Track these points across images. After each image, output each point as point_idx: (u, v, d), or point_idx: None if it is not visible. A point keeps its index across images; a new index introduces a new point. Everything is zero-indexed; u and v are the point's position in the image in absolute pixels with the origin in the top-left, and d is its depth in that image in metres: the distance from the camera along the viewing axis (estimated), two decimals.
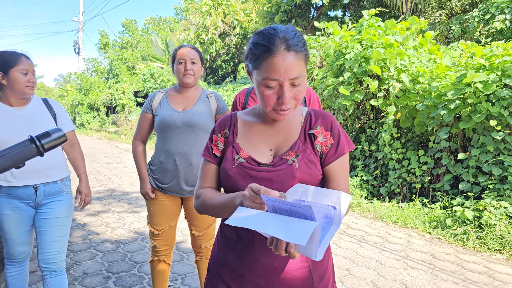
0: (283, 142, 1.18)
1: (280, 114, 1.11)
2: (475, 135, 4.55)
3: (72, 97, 25.83)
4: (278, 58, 1.04)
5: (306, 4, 13.24)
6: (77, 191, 2.27)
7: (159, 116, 2.22)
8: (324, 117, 1.20)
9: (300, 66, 1.07)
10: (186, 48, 2.23)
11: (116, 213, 4.98)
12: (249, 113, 1.27)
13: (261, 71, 1.07)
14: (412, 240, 4.09)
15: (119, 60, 28.50)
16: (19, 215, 2.05)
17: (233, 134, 1.23)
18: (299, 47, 1.06)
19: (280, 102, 1.07)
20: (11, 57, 1.97)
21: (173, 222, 2.33)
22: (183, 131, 2.17)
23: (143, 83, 16.90)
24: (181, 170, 2.18)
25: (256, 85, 1.11)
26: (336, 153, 1.17)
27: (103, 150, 12.79)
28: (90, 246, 3.76)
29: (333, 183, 1.17)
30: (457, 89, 4.45)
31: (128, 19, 34.23)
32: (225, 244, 1.20)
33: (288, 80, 1.06)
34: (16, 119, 2.01)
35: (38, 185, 2.04)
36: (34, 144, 0.88)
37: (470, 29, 8.73)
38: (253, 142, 1.20)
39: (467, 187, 4.51)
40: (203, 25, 15.86)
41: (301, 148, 1.15)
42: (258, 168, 1.14)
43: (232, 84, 12.66)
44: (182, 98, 2.26)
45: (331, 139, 1.18)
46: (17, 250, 2.12)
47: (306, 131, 1.19)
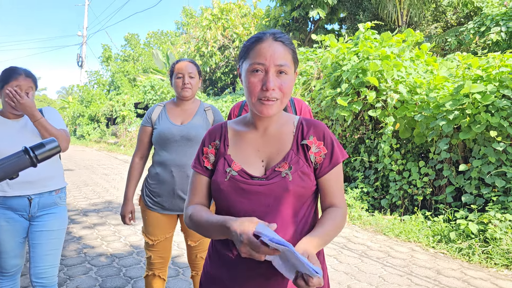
0: (275, 153, 1.15)
1: (264, 104, 1.08)
2: (476, 146, 4.49)
3: (74, 108, 26.08)
4: (265, 44, 1.08)
5: (304, 17, 13.38)
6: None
7: (158, 129, 2.23)
8: (316, 127, 1.17)
9: (287, 57, 1.09)
10: (184, 62, 2.26)
11: (113, 226, 4.92)
12: (240, 122, 1.24)
13: (249, 59, 1.09)
14: (416, 255, 3.99)
15: (120, 72, 28.83)
16: (13, 227, 2.03)
17: (224, 145, 1.20)
18: (286, 41, 1.11)
19: (265, 88, 1.06)
20: (8, 74, 1.99)
21: (168, 234, 2.30)
22: (181, 144, 2.19)
23: (143, 95, 17.03)
24: (177, 181, 2.18)
25: (244, 76, 1.11)
26: (330, 163, 1.14)
27: (102, 162, 12.76)
28: (85, 260, 3.69)
29: (329, 194, 1.15)
30: (456, 100, 4.41)
31: (131, 33, 34.78)
32: (217, 259, 1.17)
33: (273, 66, 1.06)
34: (13, 130, 2.02)
35: (32, 196, 2.02)
36: (28, 155, 0.88)
37: (466, 41, 8.77)
38: (244, 153, 1.17)
39: (470, 199, 4.43)
40: (203, 38, 16.08)
41: (294, 160, 1.12)
42: (250, 181, 1.11)
43: (231, 96, 12.74)
44: (180, 111, 2.29)
45: (324, 149, 1.15)
46: (10, 263, 2.08)
47: (299, 141, 1.16)
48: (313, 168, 1.14)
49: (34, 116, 1.96)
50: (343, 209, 1.15)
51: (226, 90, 17.60)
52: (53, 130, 2.01)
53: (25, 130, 2.04)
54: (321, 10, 12.35)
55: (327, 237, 1.07)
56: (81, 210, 5.71)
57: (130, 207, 2.30)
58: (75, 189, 7.46)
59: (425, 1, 12.36)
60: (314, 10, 12.37)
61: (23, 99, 1.92)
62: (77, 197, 6.68)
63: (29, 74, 2.04)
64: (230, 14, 16.85)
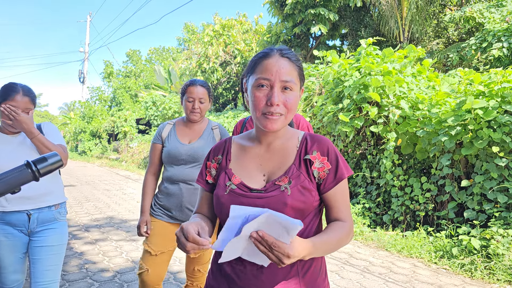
0: (277, 167, 1.16)
1: (269, 119, 1.09)
2: (478, 162, 4.49)
3: (75, 124, 26.10)
4: (271, 59, 1.10)
5: (305, 34, 13.55)
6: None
7: (167, 148, 2.31)
8: (320, 142, 1.17)
9: (293, 73, 1.10)
10: (196, 86, 2.28)
11: (114, 241, 4.88)
12: (245, 137, 1.26)
13: (255, 74, 1.11)
14: (418, 270, 3.96)
15: (122, 88, 28.96)
16: (12, 242, 2.02)
17: (226, 160, 1.22)
18: (293, 57, 1.12)
19: (269, 103, 1.07)
20: (6, 92, 1.97)
21: (171, 247, 2.29)
22: (188, 162, 2.27)
23: (145, 111, 17.07)
24: (185, 195, 2.25)
25: (249, 91, 1.13)
26: (335, 179, 1.13)
27: (104, 177, 12.74)
28: (86, 275, 3.67)
29: (334, 209, 1.15)
30: (458, 116, 4.43)
31: (132, 49, 35.15)
32: (219, 272, 1.19)
33: (279, 82, 1.08)
34: (12, 146, 2.02)
35: (31, 211, 2.02)
36: (30, 169, 0.88)
37: (467, 57, 8.85)
38: (246, 167, 1.18)
39: (473, 215, 4.40)
40: (204, 54, 16.22)
41: (295, 174, 1.12)
42: (249, 194, 1.12)
43: (233, 111, 12.78)
44: (188, 130, 2.37)
45: (328, 164, 1.14)
46: (10, 279, 2.06)
47: (302, 156, 1.16)
48: (316, 184, 1.14)
49: (31, 132, 1.96)
50: (348, 224, 1.14)
51: (228, 106, 17.68)
52: (51, 146, 2.00)
53: (24, 145, 2.04)
54: (322, 26, 12.50)
55: (325, 245, 1.05)
56: (83, 226, 5.70)
57: (146, 218, 2.32)
58: (77, 205, 7.44)
59: (426, 17, 12.55)
60: (316, 26, 12.52)
61: (19, 115, 1.91)
62: (79, 213, 6.66)
63: (27, 92, 2.00)
64: (232, 30, 17.06)
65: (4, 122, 1.98)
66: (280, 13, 13.27)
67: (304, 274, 1.12)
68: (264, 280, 1.08)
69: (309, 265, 1.13)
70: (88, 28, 33.16)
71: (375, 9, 13.02)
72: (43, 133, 2.13)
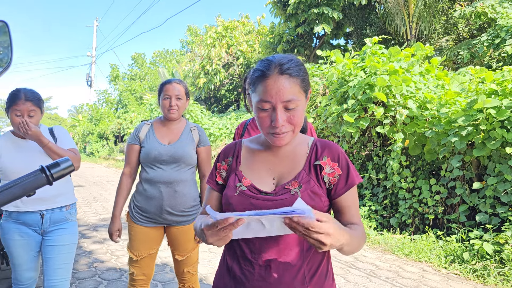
0: (286, 172, 1.17)
1: (275, 138, 1.10)
2: (491, 163, 4.34)
3: (83, 127, 26.69)
4: (270, 80, 1.06)
5: (308, 33, 13.44)
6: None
7: (145, 149, 2.29)
8: (331, 148, 1.18)
9: (294, 90, 1.07)
10: (172, 83, 2.30)
11: (121, 241, 4.91)
12: (254, 140, 1.27)
13: (256, 94, 1.09)
14: (427, 275, 3.85)
15: (128, 91, 29.48)
16: (27, 241, 2.14)
17: (236, 162, 1.23)
18: (293, 71, 1.07)
19: (274, 125, 1.07)
20: (11, 97, 2.08)
21: (153, 251, 2.33)
22: (169, 163, 2.26)
23: (150, 113, 17.23)
24: (165, 197, 2.23)
25: (253, 108, 1.13)
26: (346, 184, 1.14)
27: (111, 178, 13.07)
28: (95, 274, 3.77)
29: (346, 215, 1.15)
30: (468, 115, 4.29)
31: (137, 53, 35.65)
32: (227, 273, 1.19)
33: (280, 103, 1.06)
34: (25, 149, 2.14)
35: (44, 211, 2.14)
36: (44, 173, 0.92)
37: (479, 54, 8.65)
38: (256, 170, 1.20)
39: (485, 219, 4.26)
40: (207, 56, 16.30)
41: (305, 179, 1.13)
42: (259, 196, 1.13)
43: (236, 113, 12.77)
44: (167, 130, 2.35)
45: (339, 170, 1.15)
46: (24, 276, 2.18)
47: (312, 162, 1.17)
48: (325, 189, 1.14)
49: (42, 142, 2.06)
50: (362, 227, 1.15)
51: (231, 107, 17.71)
52: (62, 153, 2.11)
53: (36, 149, 2.14)
54: (326, 25, 12.38)
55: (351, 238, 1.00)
56: (91, 225, 5.84)
57: (117, 225, 2.36)
58: (86, 205, 7.63)
59: (435, 13, 12.32)
60: (319, 25, 12.41)
61: (30, 129, 2.01)
62: (88, 213, 6.82)
63: (29, 97, 2.08)
64: (234, 31, 17.10)
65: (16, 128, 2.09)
66: (282, 13, 13.20)
67: (311, 278, 1.12)
68: (271, 283, 1.09)
69: (315, 268, 1.13)
70: (95, 33, 33.83)
71: (381, 6, 12.83)
72: (55, 137, 2.25)
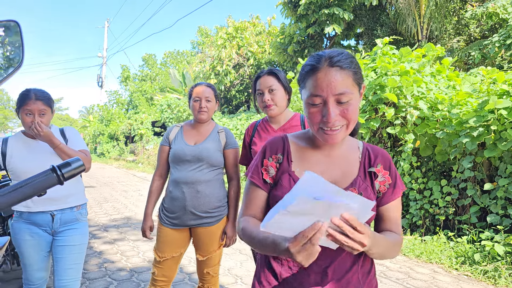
0: (341, 177, 1.12)
1: (327, 134, 1.04)
2: (502, 164, 4.32)
3: (94, 127, 26.82)
4: (320, 73, 1.01)
5: (319, 34, 13.43)
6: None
7: (173, 149, 2.36)
8: (383, 155, 1.16)
9: (346, 82, 1.01)
10: (202, 86, 2.37)
11: (132, 241, 5.01)
12: (301, 137, 1.20)
13: (306, 89, 1.05)
14: (438, 276, 3.84)
15: (138, 92, 29.56)
16: (38, 241, 2.13)
17: (287, 160, 1.15)
18: (344, 63, 1.02)
19: (325, 120, 1.01)
20: (21, 97, 2.07)
21: (176, 254, 2.35)
22: (192, 163, 2.29)
23: (160, 114, 17.34)
24: (187, 198, 2.26)
25: (303, 105, 1.09)
26: (393, 194, 1.13)
27: (121, 179, 13.08)
28: (106, 274, 3.78)
29: (388, 222, 1.13)
30: (480, 116, 4.28)
31: (148, 54, 35.71)
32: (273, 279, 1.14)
33: (332, 96, 1.00)
34: (36, 150, 2.14)
35: (55, 212, 2.13)
36: (55, 173, 0.92)
37: (490, 54, 8.58)
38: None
39: (496, 220, 4.24)
40: (218, 57, 16.34)
41: (363, 187, 1.10)
42: None
43: (246, 114, 12.78)
44: (195, 132, 2.41)
45: (389, 178, 1.14)
46: (35, 276, 2.18)
47: (366, 168, 1.14)
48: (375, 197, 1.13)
49: (53, 143, 2.06)
50: (401, 237, 1.13)
51: (241, 108, 17.73)
52: (73, 154, 2.10)
53: (47, 149, 2.13)
54: (337, 26, 12.36)
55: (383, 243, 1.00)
56: (102, 226, 5.87)
57: (149, 223, 2.40)
58: (96, 205, 7.67)
59: (446, 14, 12.23)
60: (330, 26, 12.39)
61: (42, 131, 2.00)
62: (98, 213, 6.86)
63: (39, 97, 2.07)
64: (245, 32, 17.11)
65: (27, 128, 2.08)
66: (293, 14, 13.20)
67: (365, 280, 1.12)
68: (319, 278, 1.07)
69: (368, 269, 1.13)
70: (106, 34, 33.91)
71: (392, 7, 12.78)
72: (66, 138, 2.24)
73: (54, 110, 2.20)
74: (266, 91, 2.13)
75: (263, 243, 1.00)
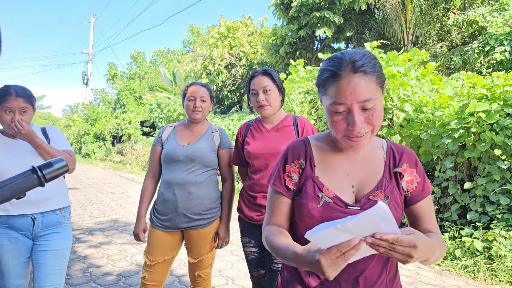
0: (366, 179, 1.07)
1: (353, 141, 0.99)
2: (481, 164, 4.53)
3: (79, 127, 26.03)
4: (343, 81, 0.95)
5: (310, 36, 13.61)
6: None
7: (165, 149, 2.30)
8: (409, 153, 1.12)
9: (371, 88, 0.96)
10: (197, 85, 2.31)
11: (119, 245, 4.83)
12: (323, 140, 1.15)
13: (328, 97, 0.99)
14: (421, 272, 3.99)
15: (126, 90, 28.98)
16: (16, 246, 1.99)
17: (311, 165, 1.10)
18: (368, 67, 0.96)
19: (351, 128, 0.97)
20: (0, 94, 1.93)
21: (168, 257, 2.29)
22: (185, 164, 2.23)
23: (149, 113, 17.07)
24: (179, 200, 2.20)
25: (325, 111, 1.03)
26: (423, 191, 1.09)
27: (108, 180, 12.65)
28: (90, 279, 3.63)
29: (424, 221, 1.09)
30: (461, 118, 4.47)
31: (137, 51, 35.18)
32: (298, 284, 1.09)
33: (356, 104, 0.95)
34: (15, 149, 2.00)
35: (36, 215, 1.99)
36: (36, 174, 0.86)
37: (470, 60, 8.89)
38: (333, 176, 1.08)
39: (475, 217, 4.43)
40: (209, 56, 16.25)
41: (389, 189, 1.06)
42: (345, 210, 1.02)
43: (238, 114, 12.78)
44: (189, 132, 2.34)
45: (417, 176, 1.10)
46: (13, 283, 2.03)
47: (391, 168, 1.09)
48: (403, 197, 1.08)
49: (35, 142, 1.93)
50: (440, 235, 1.07)
51: (233, 108, 17.69)
52: (56, 154, 1.97)
53: (26, 148, 2.01)
54: (327, 29, 12.55)
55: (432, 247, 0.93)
56: (87, 229, 5.64)
57: (142, 225, 2.31)
58: (81, 208, 7.36)
59: (430, 20, 12.59)
60: (321, 29, 12.57)
61: (24, 129, 1.88)
62: (83, 216, 6.59)
63: (20, 93, 1.96)
64: (237, 32, 17.07)
65: (6, 127, 1.96)
66: (285, 15, 13.33)
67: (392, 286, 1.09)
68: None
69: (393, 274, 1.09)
70: (92, 30, 33.10)
71: (380, 12, 13.09)
72: (49, 137, 2.11)
73: (35, 108, 2.07)
74: (261, 91, 2.10)
75: (287, 252, 0.96)
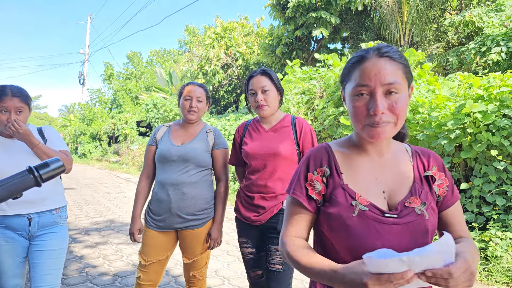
0: (397, 184, 1.01)
1: (374, 128, 0.93)
2: (477, 165, 4.54)
3: (75, 127, 26.08)
4: (368, 63, 0.94)
5: (307, 37, 13.63)
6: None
7: (159, 149, 2.30)
8: (435, 157, 1.08)
9: (397, 73, 0.93)
10: (194, 85, 2.30)
11: (115, 245, 4.83)
12: (344, 144, 1.09)
13: (352, 81, 0.96)
14: None
15: (122, 90, 29.01)
16: (12, 246, 2.00)
17: (337, 173, 1.03)
18: (394, 54, 0.95)
19: (372, 113, 0.91)
20: None
21: (162, 257, 2.28)
22: (178, 164, 2.22)
23: (146, 113, 17.10)
24: (173, 200, 2.20)
25: (347, 101, 0.99)
26: (453, 196, 1.05)
27: (104, 180, 12.67)
28: (87, 279, 3.63)
29: (455, 226, 1.04)
30: (457, 119, 4.48)
31: (133, 51, 35.24)
32: None
33: (380, 86, 0.92)
34: (12, 149, 2.01)
35: (32, 215, 2.00)
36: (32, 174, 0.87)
37: (467, 61, 8.93)
38: (361, 182, 1.02)
39: (471, 218, 4.45)
40: (206, 57, 16.27)
41: (423, 194, 1.00)
42: (383, 219, 0.95)
43: (234, 114, 12.79)
44: (183, 132, 2.34)
45: (446, 180, 1.05)
46: (9, 283, 2.03)
47: (421, 172, 1.04)
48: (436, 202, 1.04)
49: (32, 142, 1.94)
50: (472, 240, 1.03)
51: (229, 109, 17.71)
52: (53, 154, 1.97)
53: (23, 148, 2.01)
54: (324, 29, 12.58)
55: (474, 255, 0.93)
56: (83, 229, 5.64)
57: (137, 225, 2.31)
58: (77, 208, 7.36)
59: (427, 21, 12.64)
60: (317, 29, 12.60)
61: (21, 128, 1.89)
62: (79, 216, 6.58)
63: (16, 93, 1.96)
64: (233, 32, 17.11)
65: (2, 127, 1.96)
66: (281, 16, 13.35)
67: None
68: None
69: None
70: (88, 30, 33.14)
71: (376, 12, 13.13)
72: (45, 137, 2.11)
73: (31, 108, 2.07)
74: (259, 91, 2.09)
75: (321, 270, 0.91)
